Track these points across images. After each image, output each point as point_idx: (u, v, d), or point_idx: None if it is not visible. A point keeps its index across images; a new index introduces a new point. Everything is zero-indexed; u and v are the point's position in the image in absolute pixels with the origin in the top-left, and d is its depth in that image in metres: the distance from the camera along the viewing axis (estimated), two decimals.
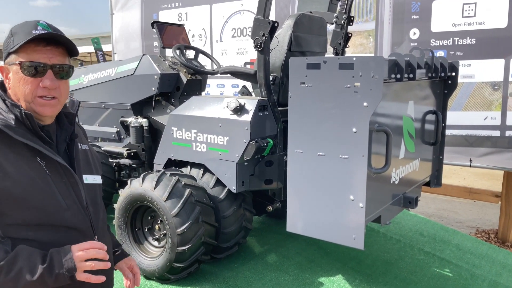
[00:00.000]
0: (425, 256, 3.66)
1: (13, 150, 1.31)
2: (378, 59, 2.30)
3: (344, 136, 2.39)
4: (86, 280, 1.28)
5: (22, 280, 1.23)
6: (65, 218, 1.36)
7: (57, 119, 1.48)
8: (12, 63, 1.35)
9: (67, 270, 1.25)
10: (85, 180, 1.48)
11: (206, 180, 3.15)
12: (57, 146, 1.44)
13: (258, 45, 2.91)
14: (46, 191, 1.33)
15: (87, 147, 1.60)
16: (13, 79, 1.36)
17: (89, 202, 1.46)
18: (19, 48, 1.33)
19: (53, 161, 1.37)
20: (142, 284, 2.99)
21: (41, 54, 1.34)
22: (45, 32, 1.33)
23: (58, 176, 1.37)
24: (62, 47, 1.39)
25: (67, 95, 1.46)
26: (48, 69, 1.35)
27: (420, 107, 3.07)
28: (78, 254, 1.27)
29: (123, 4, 6.87)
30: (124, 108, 3.99)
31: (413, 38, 4.63)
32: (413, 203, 2.97)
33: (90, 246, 1.30)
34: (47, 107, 1.37)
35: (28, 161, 1.33)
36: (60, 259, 1.26)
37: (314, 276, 3.16)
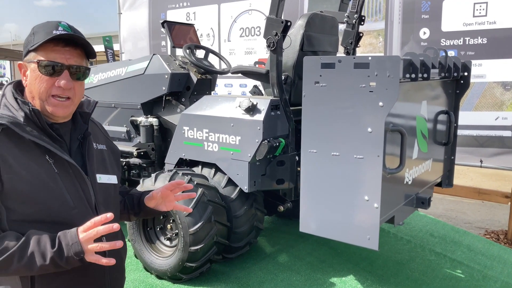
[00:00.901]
0: (436, 257, 3.64)
1: (21, 147, 1.32)
2: (394, 58, 2.29)
3: (359, 136, 2.38)
4: (96, 262, 1.28)
5: (35, 265, 1.24)
6: (71, 217, 1.36)
7: (72, 117, 1.49)
8: (30, 61, 1.37)
9: (75, 253, 1.25)
10: (98, 180, 1.48)
11: (217, 180, 3.14)
12: (70, 145, 1.45)
13: (270, 45, 2.90)
14: (54, 189, 1.34)
15: (104, 147, 1.60)
16: (30, 77, 1.37)
17: (101, 202, 1.46)
18: (38, 46, 1.34)
19: (62, 159, 1.37)
20: (154, 284, 2.99)
21: (59, 54, 1.35)
22: (64, 33, 1.34)
23: (66, 175, 1.38)
24: (80, 49, 1.40)
25: (82, 96, 1.47)
26: (65, 70, 1.36)
27: (432, 107, 3.05)
28: (83, 236, 1.26)
29: (131, 4, 6.88)
30: (134, 107, 3.98)
31: (423, 38, 4.61)
32: (426, 204, 2.96)
33: (92, 225, 1.27)
34: (60, 107, 1.38)
35: (37, 159, 1.33)
36: (68, 242, 1.26)
37: (325, 276, 3.15)
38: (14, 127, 1.30)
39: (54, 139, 1.39)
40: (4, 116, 1.32)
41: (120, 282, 1.58)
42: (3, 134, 1.30)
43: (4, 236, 1.26)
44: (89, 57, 1.44)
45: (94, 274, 1.42)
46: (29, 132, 1.32)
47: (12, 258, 1.23)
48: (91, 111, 1.55)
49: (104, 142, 1.62)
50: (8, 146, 1.30)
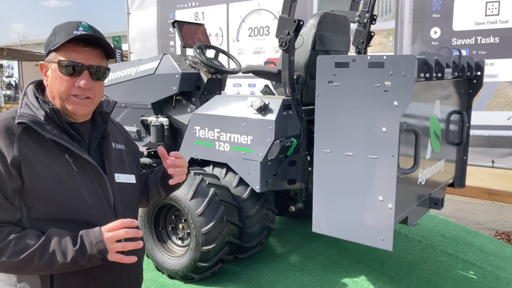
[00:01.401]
0: (448, 258, 3.61)
1: (42, 146, 1.33)
2: (410, 58, 2.27)
3: (374, 136, 2.36)
4: (119, 260, 1.29)
5: (56, 263, 1.25)
6: (90, 215, 1.36)
7: (92, 117, 1.49)
8: (51, 61, 1.37)
9: (98, 252, 1.26)
10: (116, 179, 1.47)
11: (229, 180, 3.14)
12: (89, 144, 1.45)
13: (283, 44, 2.89)
14: (72, 187, 1.34)
15: (123, 146, 1.60)
16: (51, 77, 1.38)
17: (118, 201, 1.46)
18: (59, 47, 1.35)
19: (81, 158, 1.37)
20: (166, 283, 2.98)
21: (79, 55, 1.36)
22: (84, 33, 1.34)
23: (85, 173, 1.38)
24: (100, 49, 1.40)
25: (102, 95, 1.47)
26: (85, 70, 1.36)
27: (445, 107, 3.03)
28: (108, 235, 1.27)
29: (140, 4, 6.89)
30: (144, 107, 3.98)
31: (433, 37, 4.58)
32: (439, 204, 2.94)
33: (120, 225, 1.28)
34: (80, 105, 1.38)
35: (56, 158, 1.34)
36: (91, 241, 1.26)
37: (337, 277, 3.14)
38: (34, 126, 1.31)
39: (73, 138, 1.39)
40: (25, 115, 1.32)
41: (138, 280, 1.58)
42: (24, 133, 1.31)
43: (24, 234, 1.26)
44: (109, 57, 1.45)
45: (113, 273, 1.42)
46: (49, 131, 1.33)
47: (33, 256, 1.23)
48: (110, 110, 1.55)
49: (123, 141, 1.62)
50: (29, 145, 1.30)
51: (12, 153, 1.26)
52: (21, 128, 1.31)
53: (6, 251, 1.22)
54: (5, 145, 1.27)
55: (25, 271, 1.27)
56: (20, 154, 1.27)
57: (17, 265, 1.23)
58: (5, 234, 1.24)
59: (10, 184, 1.26)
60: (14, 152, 1.27)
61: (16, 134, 1.30)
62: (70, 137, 1.38)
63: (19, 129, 1.30)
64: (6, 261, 1.22)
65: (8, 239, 1.23)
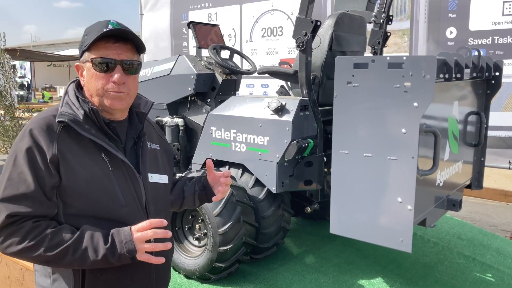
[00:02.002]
0: (465, 260, 3.58)
1: (79, 144, 1.36)
2: (430, 58, 2.25)
3: (393, 137, 2.35)
4: (147, 261, 1.32)
5: (88, 259, 1.29)
6: (122, 214, 1.39)
7: (129, 117, 1.52)
8: (85, 61, 1.41)
9: (128, 251, 1.29)
10: (150, 179, 1.50)
11: (245, 180, 3.14)
12: (125, 143, 1.49)
13: (300, 45, 2.88)
14: (107, 186, 1.37)
15: (158, 146, 1.63)
16: (87, 76, 1.42)
17: (150, 201, 1.48)
18: (91, 45, 1.38)
19: (117, 157, 1.41)
20: (183, 283, 3.00)
21: (111, 51, 1.39)
22: (113, 29, 1.37)
23: (120, 173, 1.41)
24: (131, 43, 1.43)
25: (137, 90, 1.50)
26: (118, 65, 1.39)
27: (463, 108, 3.00)
28: (137, 235, 1.30)
29: (153, 5, 6.93)
30: (160, 108, 4.00)
31: (449, 37, 4.55)
32: (457, 206, 2.91)
33: (148, 226, 1.30)
34: (117, 100, 1.41)
35: (93, 156, 1.38)
36: (121, 240, 1.29)
37: (353, 278, 3.13)
38: (74, 125, 1.35)
39: (110, 138, 1.43)
40: (65, 113, 1.36)
41: (166, 278, 1.61)
42: (64, 131, 1.35)
43: (60, 229, 1.30)
44: (140, 52, 1.47)
45: (142, 270, 1.45)
46: (87, 130, 1.37)
47: (67, 252, 1.28)
48: (147, 111, 1.58)
49: (158, 142, 1.65)
50: (67, 143, 1.35)
51: (52, 150, 1.31)
52: (61, 127, 1.35)
53: (42, 244, 1.27)
54: (46, 142, 1.32)
55: (59, 264, 1.31)
56: (59, 152, 1.32)
57: (52, 258, 1.28)
58: (42, 228, 1.29)
59: (48, 180, 1.30)
60: (54, 150, 1.31)
61: (56, 132, 1.34)
62: (107, 137, 1.42)
63: (59, 127, 1.35)
64: (42, 254, 1.27)
65: (44, 233, 1.28)
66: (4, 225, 1.27)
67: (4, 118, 6.59)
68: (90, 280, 1.37)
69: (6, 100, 6.61)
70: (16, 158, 1.31)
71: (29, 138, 1.32)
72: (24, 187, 1.28)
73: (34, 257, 1.28)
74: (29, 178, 1.29)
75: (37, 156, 1.30)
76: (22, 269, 3.24)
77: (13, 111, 6.66)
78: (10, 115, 6.61)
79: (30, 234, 1.27)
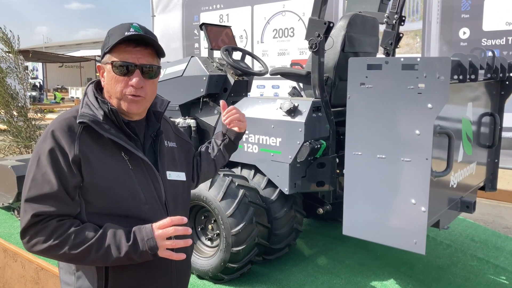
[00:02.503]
0: (479, 263, 3.55)
1: (100, 144, 1.39)
2: (444, 59, 2.24)
3: (407, 139, 2.34)
4: (168, 257, 1.34)
5: (111, 257, 1.31)
6: (143, 212, 1.42)
7: (146, 116, 1.55)
8: (106, 62, 1.43)
9: (149, 248, 1.31)
10: (168, 176, 1.53)
11: (257, 181, 3.15)
12: (143, 142, 1.51)
13: (313, 46, 2.89)
14: (128, 184, 1.40)
15: (175, 144, 1.66)
16: (107, 77, 1.44)
17: (170, 198, 1.51)
18: (112, 48, 1.41)
19: (136, 156, 1.43)
20: (196, 284, 3.01)
21: (131, 55, 1.41)
22: (134, 34, 1.39)
23: (140, 171, 1.44)
24: (151, 48, 1.44)
25: (155, 94, 1.52)
26: (137, 69, 1.41)
27: (477, 109, 2.98)
28: (158, 233, 1.32)
29: (165, 7, 6.97)
30: (172, 109, 4.03)
31: (462, 38, 4.51)
32: (471, 208, 2.90)
33: (169, 223, 1.33)
34: (133, 104, 1.43)
35: (113, 156, 1.40)
36: (143, 237, 1.32)
37: (366, 280, 3.12)
38: (94, 125, 1.38)
39: (129, 137, 1.45)
40: (86, 114, 1.39)
41: (186, 274, 1.64)
42: (85, 132, 1.38)
43: (83, 228, 1.33)
44: (160, 56, 1.49)
45: (163, 267, 1.47)
46: (108, 130, 1.39)
47: (91, 249, 1.30)
48: (164, 110, 1.61)
49: (175, 139, 1.67)
50: (88, 143, 1.37)
51: (74, 151, 1.34)
52: (81, 127, 1.38)
53: (67, 243, 1.30)
54: (67, 143, 1.35)
55: (84, 261, 1.34)
56: (81, 152, 1.35)
57: (77, 256, 1.31)
58: (66, 227, 1.32)
59: (71, 180, 1.33)
60: (75, 150, 1.34)
61: (77, 133, 1.37)
62: (127, 136, 1.44)
63: (80, 128, 1.38)
64: (66, 252, 1.30)
65: (68, 232, 1.31)
66: (30, 225, 1.31)
67: (18, 119, 6.67)
68: (113, 277, 1.40)
69: (18, 102, 6.69)
70: (40, 159, 1.34)
71: (51, 139, 1.35)
72: (48, 187, 1.31)
73: (59, 255, 1.32)
74: (52, 178, 1.32)
75: (60, 156, 1.33)
76: (37, 268, 3.28)
77: (25, 112, 6.74)
78: (23, 116, 6.68)
79: (55, 233, 1.30)
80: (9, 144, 6.40)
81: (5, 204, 4.27)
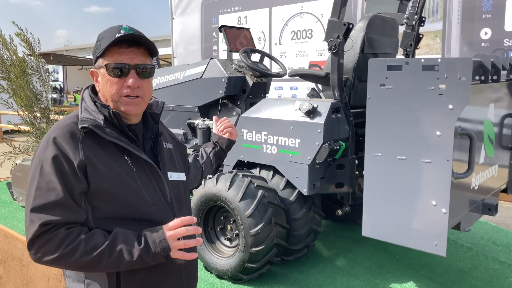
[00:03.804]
0: (501, 266, 3.50)
1: (103, 148, 1.38)
2: (466, 60, 2.23)
3: (427, 140, 2.33)
4: (181, 257, 1.33)
5: (123, 262, 1.30)
6: (151, 213, 1.42)
7: (143, 118, 1.54)
8: (99, 67, 1.42)
9: (162, 250, 1.30)
10: (169, 177, 1.53)
11: (276, 182, 3.16)
12: (143, 145, 1.51)
13: (332, 47, 2.89)
14: (133, 187, 1.40)
15: (172, 146, 1.67)
16: (101, 81, 1.43)
17: (174, 199, 1.52)
18: (104, 51, 1.39)
19: (139, 158, 1.43)
20: (215, 283, 3.04)
21: (124, 56, 1.40)
22: (125, 34, 1.38)
23: (144, 173, 1.44)
24: (144, 48, 1.44)
25: (151, 93, 1.51)
26: (131, 69, 1.40)
27: (499, 110, 2.95)
28: (170, 234, 1.31)
29: (183, 9, 7.05)
30: (191, 110, 4.08)
31: (484, 38, 4.45)
32: (493, 210, 2.85)
33: (180, 223, 1.32)
34: (132, 105, 1.42)
35: (117, 159, 1.40)
36: (154, 240, 1.31)
37: (385, 282, 3.10)
38: (96, 130, 1.37)
39: (131, 140, 1.45)
40: (86, 119, 1.38)
41: (195, 273, 1.65)
42: (87, 137, 1.37)
43: (92, 234, 1.32)
44: (152, 55, 1.49)
45: (174, 267, 1.47)
46: (109, 134, 1.39)
47: (103, 255, 1.29)
48: (160, 111, 1.61)
49: (171, 141, 1.69)
50: (92, 148, 1.36)
51: (79, 156, 1.33)
52: (83, 133, 1.37)
53: (77, 250, 1.28)
54: (71, 149, 1.33)
55: (95, 268, 1.32)
56: (86, 157, 1.33)
57: (88, 263, 1.29)
58: (75, 234, 1.29)
59: (77, 187, 1.32)
60: (80, 155, 1.33)
61: (79, 138, 1.36)
62: (128, 139, 1.44)
63: (81, 133, 1.37)
64: (78, 260, 1.28)
65: (79, 239, 1.29)
66: (37, 235, 1.28)
67: (41, 120, 6.80)
68: (124, 282, 1.39)
69: (41, 103, 6.82)
70: (43, 167, 1.31)
71: (54, 146, 1.33)
72: (54, 195, 1.29)
73: (69, 263, 1.29)
74: (58, 186, 1.29)
75: (64, 163, 1.31)
76: None
77: (48, 114, 6.87)
78: (45, 118, 6.82)
79: (64, 241, 1.27)
80: (32, 145, 6.54)
81: None
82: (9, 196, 4.76)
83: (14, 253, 3.85)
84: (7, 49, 6.08)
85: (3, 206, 4.65)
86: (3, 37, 6.02)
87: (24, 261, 3.76)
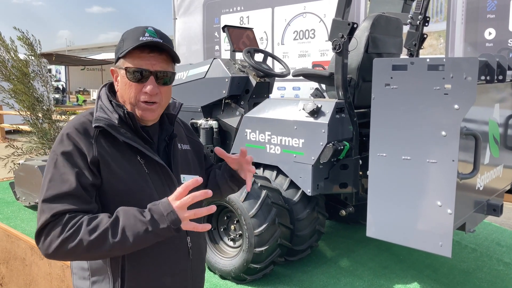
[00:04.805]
0: (505, 267, 3.48)
1: (116, 148, 1.38)
2: (472, 60, 2.21)
3: (432, 140, 2.31)
4: (193, 229, 1.26)
5: (128, 240, 1.22)
6: None
7: (160, 119, 1.53)
8: (120, 67, 1.42)
9: (172, 223, 1.22)
10: (182, 180, 1.50)
11: (279, 182, 3.15)
12: (157, 146, 1.50)
13: (336, 47, 2.88)
14: (144, 188, 1.39)
15: (188, 147, 1.64)
16: (121, 82, 1.43)
17: None
18: (126, 53, 1.39)
19: (152, 160, 1.42)
20: (218, 284, 3.03)
21: (145, 61, 1.39)
22: (149, 40, 1.37)
23: (156, 175, 1.43)
24: (166, 54, 1.42)
25: (169, 99, 1.50)
26: (151, 76, 1.39)
27: (504, 111, 2.94)
28: (177, 204, 1.23)
29: (186, 9, 7.04)
30: (194, 110, 4.07)
31: (488, 39, 4.44)
32: (498, 211, 2.84)
33: (185, 190, 1.24)
34: (148, 112, 1.42)
35: (130, 159, 1.39)
36: (161, 213, 1.23)
37: (389, 282, 3.09)
38: (110, 129, 1.37)
39: (145, 141, 1.44)
40: (101, 118, 1.38)
41: (202, 269, 1.63)
42: (101, 135, 1.38)
43: (97, 215, 1.28)
44: (175, 62, 1.47)
45: (181, 261, 1.47)
46: (123, 134, 1.39)
47: (106, 234, 1.22)
48: (177, 112, 1.60)
49: (188, 142, 1.66)
50: (105, 146, 1.37)
51: (92, 153, 1.33)
52: (97, 131, 1.37)
53: (80, 230, 1.23)
54: (85, 145, 1.34)
55: (101, 252, 1.24)
56: (99, 154, 1.34)
57: (92, 244, 1.22)
58: (79, 216, 1.26)
59: (91, 179, 1.32)
60: (94, 152, 1.34)
61: (93, 136, 1.36)
62: (142, 140, 1.43)
63: (96, 132, 1.37)
64: (82, 240, 1.22)
65: (82, 219, 1.25)
66: (47, 224, 1.26)
67: (43, 121, 6.82)
68: (130, 278, 1.38)
69: (43, 104, 6.84)
70: (57, 161, 1.32)
71: (68, 141, 1.34)
72: (67, 186, 1.29)
73: (74, 248, 1.23)
74: (71, 177, 1.29)
75: (78, 157, 1.32)
76: (63, 265, 3.34)
77: (50, 114, 6.88)
78: (48, 118, 6.83)
79: (68, 223, 1.24)
80: (35, 146, 6.55)
81: (32, 203, 4.37)
82: (12, 196, 4.76)
83: (17, 253, 3.85)
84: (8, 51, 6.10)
85: (6, 206, 4.65)
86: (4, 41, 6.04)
87: (27, 261, 3.76)
